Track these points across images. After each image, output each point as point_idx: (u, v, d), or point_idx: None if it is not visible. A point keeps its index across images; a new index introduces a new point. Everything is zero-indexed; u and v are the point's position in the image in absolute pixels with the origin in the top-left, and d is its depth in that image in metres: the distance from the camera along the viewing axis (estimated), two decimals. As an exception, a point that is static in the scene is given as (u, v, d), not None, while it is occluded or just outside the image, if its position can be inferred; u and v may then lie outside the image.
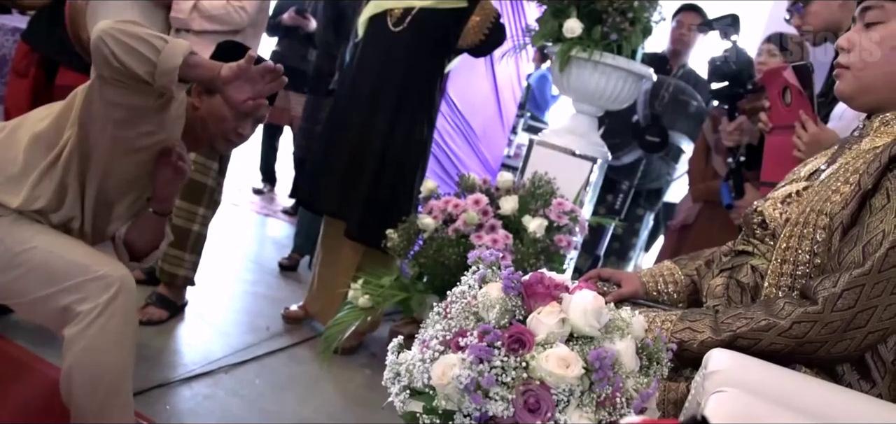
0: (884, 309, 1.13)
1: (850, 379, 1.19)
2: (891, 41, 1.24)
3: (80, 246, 1.77)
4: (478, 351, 0.93)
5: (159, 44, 1.57)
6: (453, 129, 3.95)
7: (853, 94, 1.32)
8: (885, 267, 1.12)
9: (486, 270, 1.07)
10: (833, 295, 1.13)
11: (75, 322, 1.65)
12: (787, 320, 1.15)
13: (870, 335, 1.14)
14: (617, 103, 2.75)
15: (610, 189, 3.71)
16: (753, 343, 1.16)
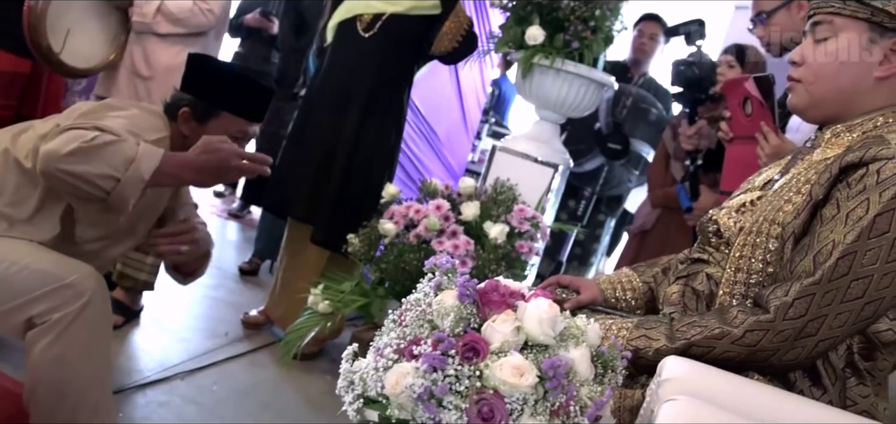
0: (834, 318, 1.14)
1: (802, 386, 1.21)
2: (840, 56, 1.26)
3: (47, 253, 1.70)
4: (431, 360, 0.92)
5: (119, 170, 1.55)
6: (417, 134, 3.94)
7: (805, 108, 1.34)
8: (834, 277, 1.13)
9: (442, 277, 1.06)
10: (784, 304, 1.15)
11: (44, 332, 1.59)
12: (740, 328, 1.16)
13: (820, 343, 1.16)
14: (579, 111, 2.77)
15: (572, 195, 3.73)
16: (707, 351, 1.17)
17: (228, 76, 1.95)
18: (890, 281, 1.13)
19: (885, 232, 1.12)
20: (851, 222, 1.14)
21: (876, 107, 1.26)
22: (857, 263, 1.13)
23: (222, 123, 1.89)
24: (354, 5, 2.87)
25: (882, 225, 1.12)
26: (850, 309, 1.14)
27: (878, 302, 1.15)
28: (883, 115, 1.25)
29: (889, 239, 1.12)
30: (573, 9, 2.54)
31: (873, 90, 1.25)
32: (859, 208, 1.14)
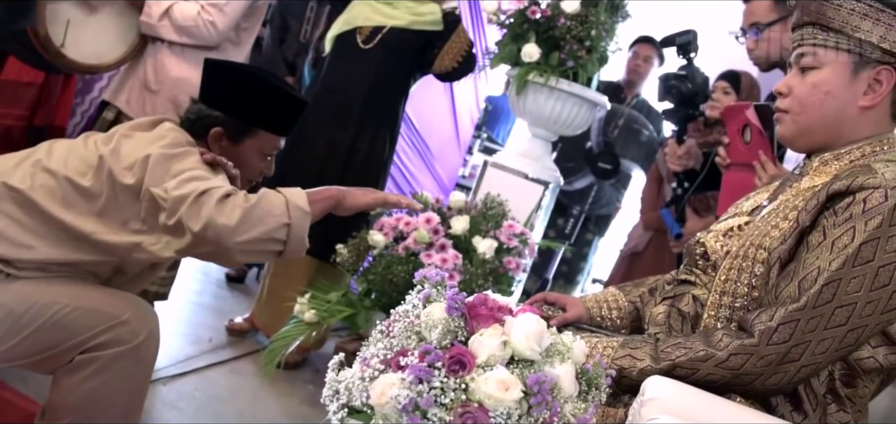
0: (817, 344, 1.15)
1: (784, 411, 1.21)
2: (825, 86, 1.26)
3: (96, 289, 1.63)
4: (418, 372, 0.92)
5: (281, 233, 1.50)
6: (409, 147, 3.95)
7: (793, 138, 1.35)
8: (819, 303, 1.14)
9: (431, 290, 1.06)
10: (769, 329, 1.16)
11: (86, 363, 1.54)
12: (724, 352, 1.17)
13: (803, 369, 1.17)
14: (571, 129, 2.78)
15: (561, 213, 3.75)
16: (691, 372, 1.17)
17: (261, 89, 1.75)
18: (873, 310, 1.14)
19: (870, 261, 1.13)
20: (837, 250, 1.15)
21: (863, 136, 1.27)
22: (841, 291, 1.14)
23: (257, 142, 1.77)
24: (354, 17, 2.88)
25: (867, 253, 1.13)
26: (833, 336, 1.15)
27: (860, 330, 1.16)
28: (870, 144, 1.27)
29: (873, 268, 1.13)
30: (569, 28, 2.56)
31: (859, 119, 1.26)
32: (845, 236, 1.15)
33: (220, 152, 1.71)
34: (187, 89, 2.78)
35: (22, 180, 1.55)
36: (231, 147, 1.74)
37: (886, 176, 1.16)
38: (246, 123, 1.74)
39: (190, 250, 1.53)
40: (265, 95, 1.75)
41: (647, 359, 1.21)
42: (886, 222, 1.13)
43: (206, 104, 1.74)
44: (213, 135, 1.72)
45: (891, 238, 1.13)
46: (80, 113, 3.31)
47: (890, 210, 1.13)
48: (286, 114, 1.81)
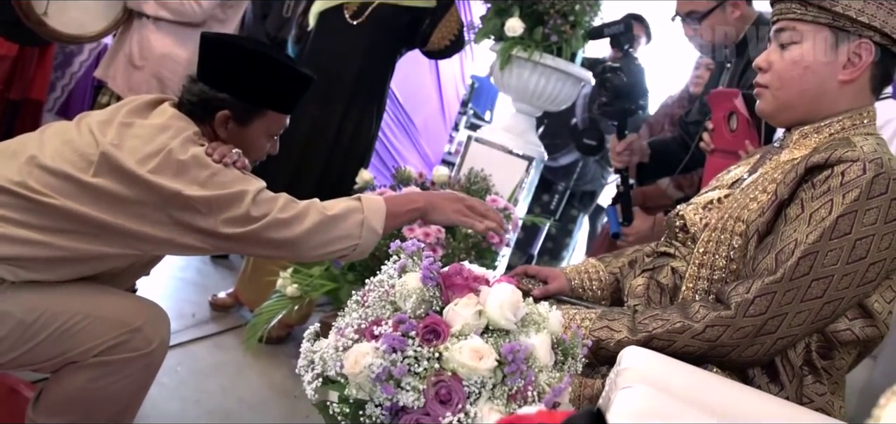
0: (793, 317, 1.16)
1: (760, 382, 1.22)
2: (804, 61, 1.26)
3: (108, 294, 1.56)
4: (391, 341, 0.92)
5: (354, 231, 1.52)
6: (394, 123, 3.92)
7: (773, 113, 1.35)
8: (795, 276, 1.15)
9: (407, 260, 1.05)
10: (745, 301, 1.16)
11: (94, 366, 1.49)
12: (700, 323, 1.18)
13: (779, 341, 1.17)
14: (555, 104, 2.78)
15: (546, 189, 3.74)
16: (668, 344, 1.18)
17: (268, 67, 1.64)
18: (849, 282, 1.15)
19: (847, 234, 1.14)
20: (814, 222, 1.15)
21: (842, 109, 1.28)
22: (818, 263, 1.14)
23: (265, 123, 1.67)
24: None
25: (844, 226, 1.14)
26: (809, 309, 1.16)
27: (837, 303, 1.16)
28: (850, 117, 1.27)
29: (850, 241, 1.14)
30: (553, 3, 2.54)
31: (838, 93, 1.27)
32: (823, 209, 1.16)
33: (227, 136, 1.62)
34: (171, 65, 2.77)
35: (17, 179, 1.45)
36: (238, 130, 1.63)
37: (865, 149, 1.16)
38: (254, 104, 1.64)
39: (234, 250, 1.54)
40: (272, 73, 1.64)
41: (625, 331, 1.22)
42: (864, 195, 1.13)
43: (209, 85, 1.61)
44: (219, 119, 1.60)
45: (868, 211, 1.13)
46: (61, 87, 3.27)
47: (867, 183, 1.13)
48: (293, 91, 1.72)
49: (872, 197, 1.13)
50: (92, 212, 1.43)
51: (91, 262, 1.51)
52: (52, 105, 3.21)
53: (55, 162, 1.45)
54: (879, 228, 1.13)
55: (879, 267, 1.16)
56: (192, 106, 1.61)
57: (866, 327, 1.21)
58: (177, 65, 2.75)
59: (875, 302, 1.20)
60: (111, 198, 1.44)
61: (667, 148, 2.52)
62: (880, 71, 1.27)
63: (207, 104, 1.60)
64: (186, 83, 1.64)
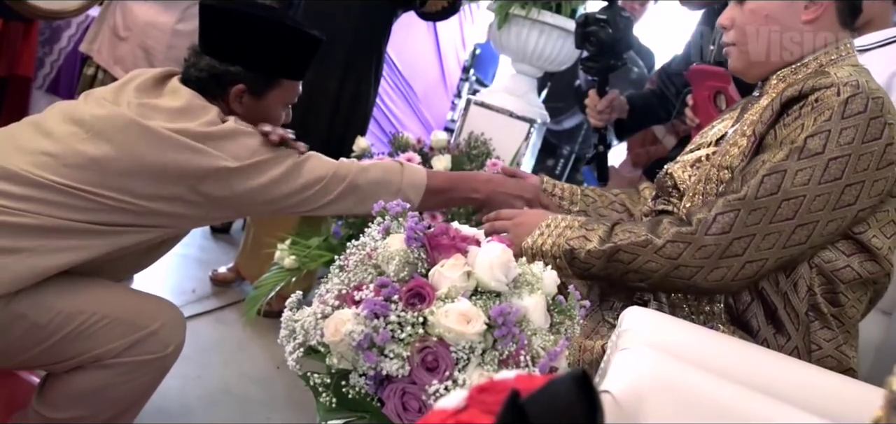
0: (762, 239, 1.12)
1: (766, 334, 1.18)
2: (763, 10, 1.24)
3: (124, 294, 1.52)
4: (372, 306, 0.86)
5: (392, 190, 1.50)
6: (393, 90, 3.84)
7: (744, 69, 1.33)
8: (761, 194, 1.11)
9: (392, 221, 0.99)
10: (707, 218, 1.14)
11: (104, 366, 1.45)
12: (662, 238, 1.15)
13: (748, 265, 1.13)
14: (556, 64, 2.69)
15: (550, 154, 3.67)
16: (632, 258, 1.16)
17: (278, 33, 1.55)
18: (823, 204, 1.11)
19: (819, 153, 1.10)
20: (784, 145, 1.13)
21: (817, 47, 1.25)
22: (787, 182, 1.11)
23: (281, 92, 1.60)
24: None
25: (814, 145, 1.10)
26: (779, 231, 1.12)
27: (811, 226, 1.12)
28: (826, 53, 1.24)
29: (823, 160, 1.09)
30: (551, -43, 2.45)
31: (805, 34, 1.24)
32: (794, 132, 1.13)
33: (243, 110, 1.54)
34: (155, 34, 2.71)
35: (33, 168, 1.37)
36: (254, 103, 1.56)
37: (840, 75, 1.14)
38: (268, 74, 1.56)
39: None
40: (282, 39, 1.56)
41: (596, 241, 1.20)
42: (837, 115, 1.10)
43: (216, 58, 1.52)
44: (234, 94, 1.53)
45: (844, 130, 1.09)
46: (50, 63, 3.21)
47: (841, 103, 1.10)
48: (305, 56, 1.65)
49: (848, 116, 1.10)
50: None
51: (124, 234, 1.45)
52: (42, 82, 3.16)
53: (67, 153, 1.38)
54: (856, 147, 1.09)
55: (857, 189, 1.11)
56: (202, 82, 1.52)
57: (866, 262, 1.17)
58: (161, 32, 2.69)
59: (873, 238, 1.16)
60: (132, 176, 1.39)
61: (646, 102, 2.44)
62: (846, 4, 1.24)
63: (220, 79, 1.52)
64: (190, 57, 1.55)
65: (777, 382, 0.90)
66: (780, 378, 0.91)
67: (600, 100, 2.31)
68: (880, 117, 1.10)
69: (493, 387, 0.44)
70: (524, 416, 0.38)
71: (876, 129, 1.10)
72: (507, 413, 0.38)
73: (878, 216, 1.16)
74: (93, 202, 1.37)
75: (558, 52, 2.59)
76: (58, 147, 1.38)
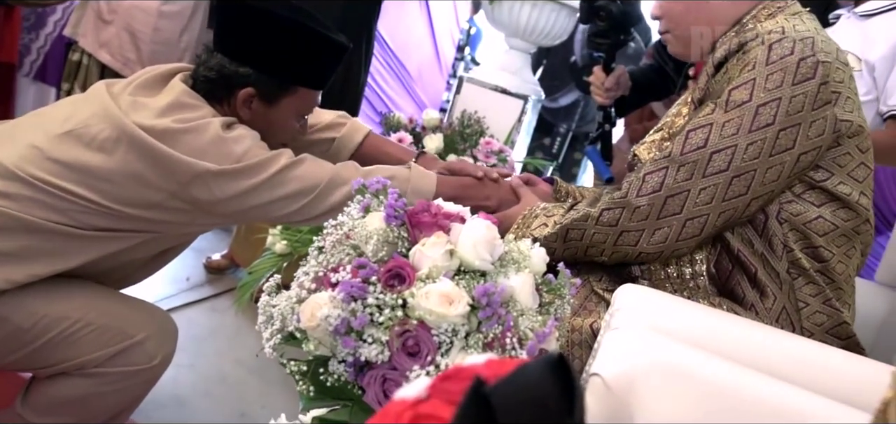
0: (697, 194, 1.10)
1: (753, 299, 1.15)
2: None
3: (113, 301, 1.46)
4: (349, 288, 0.81)
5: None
6: (386, 70, 3.77)
7: (683, 52, 1.32)
8: (686, 150, 1.10)
9: (372, 199, 0.94)
10: (636, 179, 1.13)
11: (88, 375, 1.41)
12: (597, 208, 1.14)
13: (689, 222, 1.11)
14: (550, 39, 2.63)
15: (547, 131, 3.62)
16: (580, 234, 1.16)
17: (301, 37, 1.40)
18: (758, 151, 1.08)
19: (746, 102, 1.08)
20: (711, 102, 1.13)
21: (740, 13, 1.23)
22: (714, 135, 1.09)
23: (295, 101, 1.46)
24: None
25: (740, 95, 1.09)
26: (714, 184, 1.10)
27: (748, 176, 1.09)
28: (763, 9, 1.22)
29: (751, 108, 1.08)
30: (543, -71, 2.39)
31: (726, 6, 1.24)
32: (720, 87, 1.13)
33: (250, 117, 1.42)
34: (141, 17, 2.66)
35: (19, 162, 1.31)
36: (264, 110, 1.43)
37: (766, 25, 1.14)
38: (283, 80, 1.42)
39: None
40: (305, 44, 1.40)
41: (551, 225, 1.20)
42: (761, 63, 1.09)
43: (230, 57, 1.39)
44: (241, 98, 1.40)
45: (770, 75, 1.08)
46: (36, 49, 3.14)
47: (765, 51, 1.09)
48: (328, 64, 1.49)
49: (773, 61, 1.08)
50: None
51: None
52: (29, 69, 3.09)
53: (62, 154, 1.31)
54: (786, 90, 1.07)
55: (794, 132, 1.08)
56: (210, 83, 1.41)
57: (839, 211, 1.14)
58: (147, 15, 2.64)
59: (840, 184, 1.13)
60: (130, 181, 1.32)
61: (645, 76, 2.39)
62: None
63: (228, 80, 1.39)
64: (202, 54, 1.44)
65: (777, 359, 0.86)
66: (780, 354, 0.87)
67: (607, 77, 2.24)
68: (812, 56, 1.08)
69: (458, 375, 0.39)
70: (489, 407, 0.34)
71: (807, 69, 1.08)
72: (470, 405, 0.34)
73: (841, 161, 1.13)
74: (71, 203, 1.30)
75: (552, 26, 2.54)
76: (44, 140, 1.32)
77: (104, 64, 2.70)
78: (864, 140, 1.15)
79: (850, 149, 1.13)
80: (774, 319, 1.13)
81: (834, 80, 1.09)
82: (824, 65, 1.08)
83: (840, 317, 1.14)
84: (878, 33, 1.88)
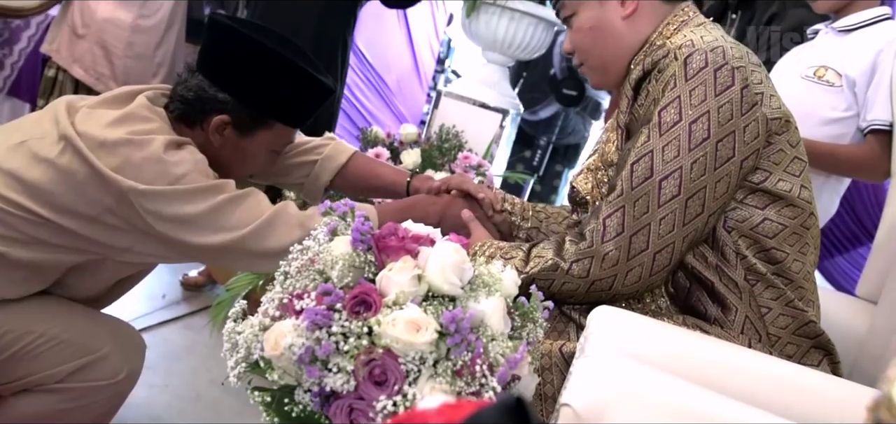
0: (658, 224, 1.09)
1: (715, 314, 1.14)
2: (587, 24, 1.26)
3: (79, 316, 1.42)
4: (313, 316, 0.78)
5: None
6: (364, 83, 3.75)
7: (600, 82, 1.35)
8: (635, 183, 1.10)
9: (338, 222, 0.92)
10: (597, 227, 1.11)
11: (51, 391, 1.37)
12: (567, 261, 1.12)
13: (658, 255, 1.10)
14: (528, 52, 2.63)
15: (527, 144, 3.61)
16: (548, 283, 1.13)
17: (288, 73, 1.36)
18: (703, 168, 1.08)
19: (677, 122, 1.08)
20: (643, 126, 1.12)
21: (647, 34, 1.24)
22: (657, 161, 1.09)
23: (270, 136, 1.41)
24: None
25: (670, 116, 1.09)
26: (672, 210, 1.09)
27: (701, 195, 1.09)
28: (666, 25, 1.24)
29: (684, 128, 1.08)
30: (519, -59, 2.39)
31: (631, 29, 1.25)
32: (647, 111, 1.13)
33: (220, 144, 1.37)
34: (114, 31, 2.62)
35: None
36: (236, 139, 1.38)
37: (674, 40, 1.15)
38: (261, 113, 1.38)
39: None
40: (290, 80, 1.36)
41: None
42: (680, 79, 1.09)
43: (210, 80, 1.35)
44: (215, 124, 1.35)
45: (693, 91, 1.08)
46: (10, 65, 3.10)
47: (681, 66, 1.09)
48: (310, 105, 1.44)
49: (692, 76, 1.09)
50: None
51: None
52: (2, 85, 3.05)
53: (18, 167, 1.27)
54: (712, 102, 1.08)
55: (731, 141, 1.08)
56: (186, 103, 1.36)
57: (784, 210, 1.14)
58: (120, 30, 2.61)
59: (779, 182, 1.13)
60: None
61: None
62: None
63: (205, 104, 1.35)
64: (184, 73, 1.40)
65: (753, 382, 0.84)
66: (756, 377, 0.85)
67: None
68: (725, 65, 1.09)
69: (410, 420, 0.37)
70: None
71: (725, 78, 1.08)
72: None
73: (775, 158, 1.13)
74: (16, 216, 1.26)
75: (529, 40, 2.53)
76: (0, 153, 1.29)
77: (78, 79, 2.67)
78: (794, 133, 1.16)
79: (781, 145, 1.14)
80: (740, 331, 1.12)
81: (753, 82, 1.10)
82: (740, 69, 1.09)
83: (805, 317, 1.14)
84: (857, 48, 1.87)
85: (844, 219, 3.19)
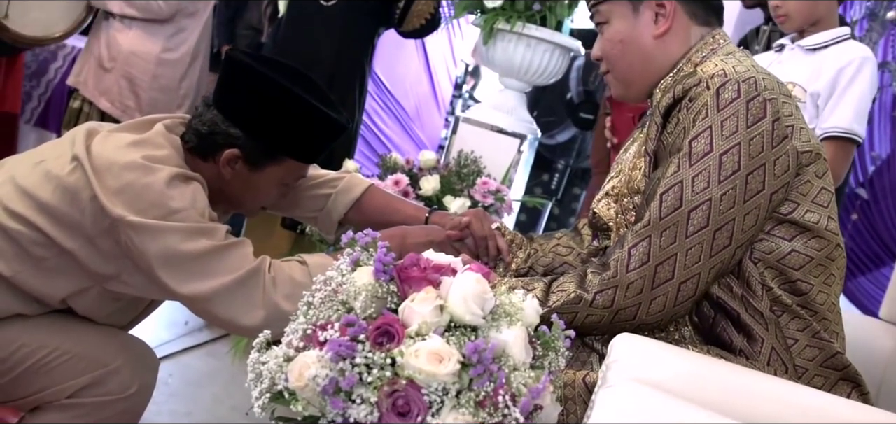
0: (685, 255, 1.08)
1: (740, 345, 1.13)
2: (618, 36, 1.25)
3: (90, 331, 1.42)
4: (337, 347, 0.79)
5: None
6: (383, 109, 3.79)
7: (623, 94, 1.33)
8: (664, 213, 1.08)
9: (361, 253, 0.93)
10: (622, 256, 1.10)
11: (63, 407, 1.38)
12: (590, 292, 1.11)
13: (683, 285, 1.09)
14: (544, 77, 2.65)
15: (545, 168, 3.63)
16: (572, 317, 1.11)
17: (301, 111, 1.37)
18: (732, 201, 1.07)
19: (708, 153, 1.07)
20: (673, 155, 1.10)
21: (676, 57, 1.24)
22: (686, 192, 1.08)
23: (281, 171, 1.42)
24: None
25: (701, 146, 1.08)
26: (699, 242, 1.08)
27: (729, 227, 1.08)
28: (697, 52, 1.23)
29: (714, 159, 1.07)
30: (536, -30, 2.41)
31: (665, 46, 1.24)
32: (678, 139, 1.11)
33: (232, 177, 1.39)
34: (140, 64, 2.68)
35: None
36: (247, 173, 1.39)
37: (706, 69, 1.13)
38: (272, 150, 1.39)
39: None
40: (302, 117, 1.37)
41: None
42: (712, 109, 1.08)
43: (223, 114, 1.37)
44: (226, 157, 1.37)
45: (724, 122, 1.07)
46: (38, 97, 3.18)
47: (713, 96, 1.08)
48: (322, 141, 1.45)
49: (723, 107, 1.08)
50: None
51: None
52: (30, 116, 3.12)
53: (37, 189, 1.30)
54: (743, 134, 1.07)
55: (761, 174, 1.08)
56: (200, 136, 1.38)
57: (810, 241, 1.13)
58: (146, 63, 2.66)
59: (807, 213, 1.12)
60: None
61: None
62: (697, 3, 1.24)
63: (216, 138, 1.37)
64: (201, 106, 1.42)
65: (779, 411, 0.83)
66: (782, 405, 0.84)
67: None
68: (758, 96, 1.08)
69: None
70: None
71: (757, 109, 1.08)
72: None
73: (803, 190, 1.12)
74: (24, 234, 1.29)
75: (546, 66, 2.55)
76: (21, 173, 1.33)
77: (104, 111, 2.72)
78: (822, 165, 1.15)
79: (809, 177, 1.13)
80: (766, 362, 1.11)
81: (784, 115, 1.10)
82: (772, 102, 1.08)
83: (831, 349, 1.13)
84: (824, 66, 1.96)
85: (866, 239, 3.17)
